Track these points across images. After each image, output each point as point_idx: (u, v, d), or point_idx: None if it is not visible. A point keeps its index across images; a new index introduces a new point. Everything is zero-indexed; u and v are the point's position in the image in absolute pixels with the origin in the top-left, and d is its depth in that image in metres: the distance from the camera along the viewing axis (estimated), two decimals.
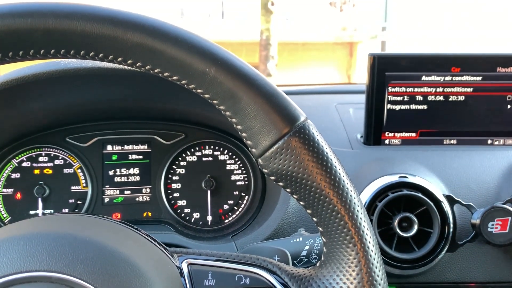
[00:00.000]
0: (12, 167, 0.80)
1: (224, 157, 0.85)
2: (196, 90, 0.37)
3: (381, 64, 0.80)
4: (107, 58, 0.36)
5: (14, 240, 0.36)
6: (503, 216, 0.69)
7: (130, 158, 0.83)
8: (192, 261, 0.42)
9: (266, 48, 5.18)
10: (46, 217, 0.43)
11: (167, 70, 0.36)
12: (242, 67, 0.37)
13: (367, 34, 6.92)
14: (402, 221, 0.71)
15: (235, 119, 0.38)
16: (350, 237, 0.38)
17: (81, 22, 0.34)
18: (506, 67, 0.80)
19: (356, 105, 0.96)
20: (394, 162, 0.78)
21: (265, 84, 0.37)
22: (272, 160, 0.37)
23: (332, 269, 0.40)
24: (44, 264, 0.34)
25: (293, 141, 0.37)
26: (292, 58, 6.33)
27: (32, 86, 0.67)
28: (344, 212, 0.38)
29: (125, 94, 0.77)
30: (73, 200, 0.81)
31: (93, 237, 0.38)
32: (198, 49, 0.36)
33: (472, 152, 0.80)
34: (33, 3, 0.35)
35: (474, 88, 0.81)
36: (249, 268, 0.42)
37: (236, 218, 0.83)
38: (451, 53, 0.81)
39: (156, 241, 0.43)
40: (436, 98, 0.81)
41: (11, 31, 0.34)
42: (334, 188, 0.37)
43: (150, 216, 0.83)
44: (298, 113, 0.38)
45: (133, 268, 0.37)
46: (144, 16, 0.37)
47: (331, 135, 0.87)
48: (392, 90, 0.81)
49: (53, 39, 0.35)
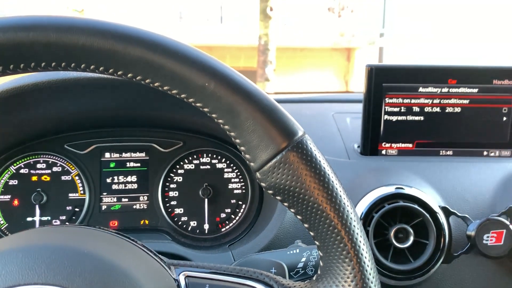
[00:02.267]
0: (10, 173, 0.80)
1: (222, 165, 0.85)
2: (195, 104, 0.38)
3: (379, 75, 0.80)
4: (107, 72, 0.37)
5: (12, 253, 0.36)
6: (498, 228, 0.69)
7: (128, 165, 0.83)
8: (189, 273, 0.43)
9: (264, 53, 5.19)
10: (44, 229, 0.43)
11: (166, 84, 0.37)
12: (241, 82, 0.37)
13: (365, 40, 6.94)
14: (398, 232, 0.71)
15: (234, 133, 0.38)
16: (346, 252, 0.38)
17: (82, 36, 0.35)
18: (502, 79, 0.81)
19: (354, 115, 0.96)
20: (391, 173, 0.78)
21: (264, 99, 0.38)
22: (270, 174, 0.38)
23: (328, 283, 0.40)
24: (43, 277, 0.34)
25: (291, 156, 0.37)
26: (290, 63, 6.34)
27: (31, 94, 0.67)
28: (341, 227, 0.38)
29: (124, 102, 0.77)
30: (70, 207, 0.81)
31: (91, 249, 0.38)
32: (197, 64, 0.36)
33: (468, 163, 0.81)
34: (35, 17, 0.35)
35: (470, 100, 0.82)
36: (246, 281, 0.42)
37: (233, 226, 0.83)
38: (448, 65, 0.82)
39: (153, 252, 0.44)
40: (432, 110, 0.82)
41: (12, 44, 0.34)
42: (331, 203, 0.38)
43: (147, 224, 0.83)
44: (296, 127, 0.38)
45: (131, 280, 0.37)
46: (145, 31, 0.37)
47: (328, 144, 0.87)
48: (389, 101, 0.81)
49: (54, 52, 0.35)
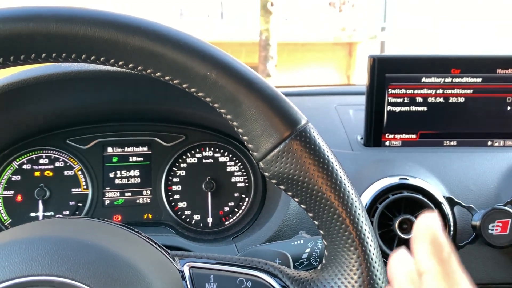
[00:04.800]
0: (12, 169, 0.80)
1: (225, 159, 0.85)
2: (197, 93, 0.37)
3: (381, 66, 0.80)
4: (108, 62, 0.36)
5: (16, 244, 0.36)
6: (503, 217, 0.69)
7: (130, 160, 0.83)
8: (194, 264, 0.42)
9: (265, 48, 5.18)
10: (47, 221, 0.43)
11: (168, 74, 0.37)
12: (243, 71, 0.37)
13: (367, 35, 6.92)
14: (402, 222, 0.71)
15: (236, 123, 0.38)
16: (351, 240, 0.38)
17: (82, 26, 0.35)
18: (506, 68, 0.80)
19: (356, 107, 0.96)
20: (394, 164, 0.78)
21: (266, 88, 0.37)
22: (273, 163, 0.38)
23: (333, 272, 0.40)
24: (46, 268, 0.34)
25: (294, 145, 0.37)
26: (292, 59, 6.33)
27: (32, 89, 0.67)
28: (345, 215, 0.38)
29: (126, 96, 0.77)
30: (73, 202, 0.81)
31: (95, 241, 0.38)
32: (199, 53, 0.36)
33: (472, 153, 0.80)
34: (35, 8, 0.35)
35: (474, 90, 0.81)
36: (250, 271, 0.42)
37: (237, 220, 0.83)
38: (451, 55, 0.81)
39: (157, 244, 0.43)
40: (436, 100, 0.81)
41: (12, 36, 0.34)
42: (335, 191, 0.38)
43: (151, 218, 0.83)
44: (299, 116, 0.38)
45: (135, 271, 0.37)
46: (145, 20, 0.37)
47: (331, 136, 0.87)
48: (392, 92, 0.81)
49: (55, 43, 0.35)
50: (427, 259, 0.29)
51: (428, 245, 0.29)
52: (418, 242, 0.30)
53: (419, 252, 0.30)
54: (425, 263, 0.29)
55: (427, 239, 0.29)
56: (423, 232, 0.30)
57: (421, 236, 0.30)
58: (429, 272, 0.29)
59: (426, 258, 0.29)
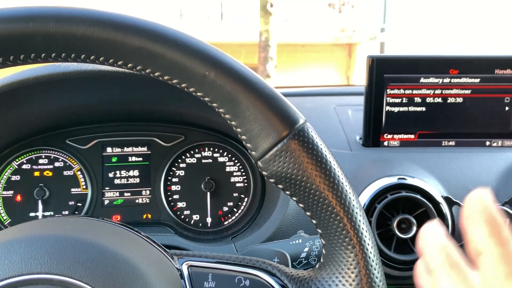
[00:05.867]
0: (12, 169, 0.80)
1: (224, 159, 0.85)
2: (196, 93, 0.37)
3: (380, 66, 0.80)
4: (107, 62, 0.36)
5: (15, 243, 0.36)
6: None
7: (129, 160, 0.83)
8: (192, 263, 0.43)
9: (265, 49, 5.19)
10: (47, 220, 0.43)
11: (167, 74, 0.37)
12: (242, 71, 0.37)
13: (366, 35, 6.93)
14: (401, 222, 0.71)
15: (235, 122, 0.38)
16: (349, 239, 0.38)
17: (81, 26, 0.35)
18: (504, 69, 0.81)
19: (355, 107, 0.96)
20: (393, 164, 0.78)
21: (264, 87, 0.38)
22: (271, 162, 0.38)
23: (331, 271, 0.40)
24: (46, 266, 0.35)
25: (292, 144, 0.37)
26: (291, 60, 6.34)
27: (32, 89, 0.67)
28: (343, 214, 0.38)
29: (125, 96, 0.77)
30: (73, 202, 0.81)
31: (93, 239, 0.38)
32: (197, 53, 0.36)
33: (470, 153, 0.81)
34: (34, 8, 0.35)
35: (472, 90, 0.81)
36: (248, 270, 0.42)
37: (236, 219, 0.84)
38: (449, 55, 0.81)
39: (156, 243, 0.44)
40: (434, 100, 0.82)
41: (12, 35, 0.34)
42: (333, 190, 0.38)
43: (150, 218, 0.83)
44: (297, 116, 0.38)
45: (134, 270, 0.37)
46: (144, 20, 0.37)
47: (330, 136, 0.87)
48: (390, 92, 0.81)
49: (54, 43, 0.35)
50: (486, 239, 0.27)
51: (485, 225, 0.27)
52: (473, 220, 0.28)
53: (475, 231, 0.27)
54: (483, 244, 0.27)
55: (483, 218, 0.27)
56: (476, 209, 0.28)
57: (476, 214, 0.28)
58: (488, 253, 0.27)
59: (485, 238, 0.27)
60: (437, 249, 0.30)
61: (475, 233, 0.28)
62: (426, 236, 0.31)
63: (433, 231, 0.31)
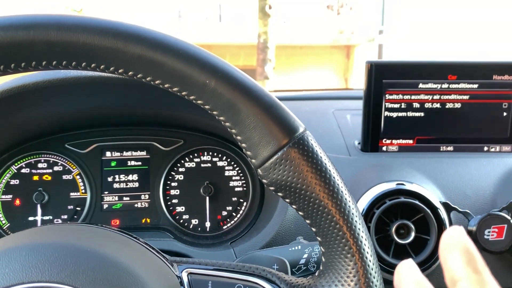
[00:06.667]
0: (11, 173, 0.80)
1: (223, 163, 0.85)
2: (196, 101, 0.38)
3: (379, 71, 0.81)
4: (108, 70, 0.37)
5: (16, 251, 0.36)
6: (499, 223, 0.69)
7: (129, 164, 0.84)
8: (192, 270, 0.43)
9: (263, 51, 5.19)
10: (47, 227, 0.43)
11: (167, 82, 0.37)
12: (242, 79, 0.37)
13: (364, 37, 6.94)
14: (399, 228, 0.71)
15: (235, 130, 0.38)
16: (348, 247, 0.38)
17: (82, 34, 0.35)
18: (502, 74, 0.81)
19: (354, 111, 0.96)
20: (392, 169, 0.78)
21: (264, 96, 0.38)
22: (271, 170, 0.38)
23: (330, 279, 0.40)
24: (46, 275, 0.35)
25: (292, 152, 0.37)
26: (290, 61, 6.34)
27: (32, 94, 0.67)
28: (343, 222, 0.38)
29: (125, 101, 0.77)
30: (72, 207, 0.81)
31: (94, 247, 0.38)
32: (198, 61, 0.36)
33: (469, 159, 0.81)
34: (35, 16, 0.35)
35: (470, 96, 0.82)
36: (248, 277, 0.43)
37: (235, 224, 0.84)
38: (448, 61, 0.82)
39: (156, 250, 0.44)
40: (433, 106, 0.82)
41: (13, 43, 0.34)
42: (333, 198, 0.38)
43: (149, 222, 0.83)
44: (297, 124, 0.38)
45: (134, 277, 0.37)
46: (145, 28, 0.37)
47: (329, 141, 0.87)
48: (389, 98, 0.81)
49: (55, 51, 0.35)
50: (462, 268, 0.29)
51: (461, 255, 0.30)
52: (449, 251, 0.30)
53: (452, 260, 0.30)
54: (461, 272, 0.29)
55: (458, 249, 0.30)
56: (453, 242, 0.30)
57: (451, 246, 0.30)
58: (465, 280, 0.29)
59: (461, 267, 0.29)
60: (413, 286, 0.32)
61: (452, 262, 0.30)
62: (402, 273, 0.33)
63: (409, 268, 0.33)
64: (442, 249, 0.31)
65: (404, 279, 0.33)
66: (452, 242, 0.31)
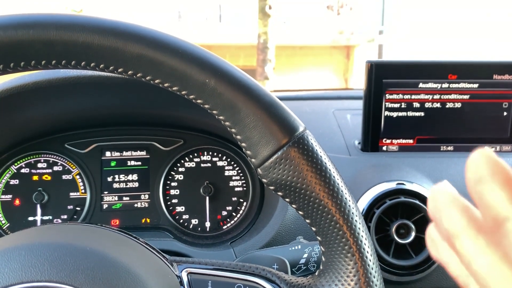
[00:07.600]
0: (11, 173, 0.80)
1: (223, 163, 0.85)
2: (196, 100, 0.38)
3: (379, 71, 0.80)
4: (107, 69, 0.37)
5: (15, 250, 0.36)
6: None
7: (128, 164, 0.83)
8: (192, 270, 0.43)
9: (263, 51, 5.18)
10: (47, 227, 0.43)
11: (167, 81, 0.37)
12: (242, 78, 0.37)
13: (364, 38, 6.94)
14: (399, 227, 0.71)
15: (235, 129, 0.38)
16: (348, 247, 0.38)
17: (82, 33, 0.35)
18: (502, 74, 0.81)
19: (354, 111, 0.96)
20: (392, 169, 0.78)
21: (264, 95, 0.38)
22: (271, 170, 0.38)
23: (330, 278, 0.40)
24: (46, 274, 0.35)
25: (292, 152, 0.37)
26: (290, 62, 6.34)
27: (32, 93, 0.67)
28: (343, 222, 0.38)
29: (124, 101, 0.77)
30: (71, 207, 0.81)
31: (94, 246, 0.38)
32: (198, 61, 0.36)
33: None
34: (35, 15, 0.35)
35: (470, 95, 0.82)
36: (248, 277, 0.42)
37: (235, 224, 0.84)
38: (448, 61, 0.82)
39: (156, 249, 0.44)
40: (433, 105, 0.82)
41: (12, 43, 0.34)
42: (333, 198, 0.38)
43: (149, 222, 0.83)
44: (297, 123, 0.38)
45: (134, 277, 0.37)
46: (145, 27, 0.37)
47: (329, 141, 0.87)
48: (389, 97, 0.81)
49: (55, 50, 0.35)
50: (509, 204, 0.24)
51: (504, 188, 0.24)
52: (490, 184, 0.24)
53: (494, 196, 0.24)
54: (507, 209, 0.24)
55: (500, 183, 0.24)
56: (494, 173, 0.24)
57: (491, 178, 0.24)
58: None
59: (507, 202, 0.24)
60: (458, 211, 0.26)
61: (493, 198, 0.24)
62: (439, 198, 0.27)
63: (447, 192, 0.27)
64: (475, 180, 0.25)
65: (446, 205, 0.27)
66: (486, 170, 0.24)
